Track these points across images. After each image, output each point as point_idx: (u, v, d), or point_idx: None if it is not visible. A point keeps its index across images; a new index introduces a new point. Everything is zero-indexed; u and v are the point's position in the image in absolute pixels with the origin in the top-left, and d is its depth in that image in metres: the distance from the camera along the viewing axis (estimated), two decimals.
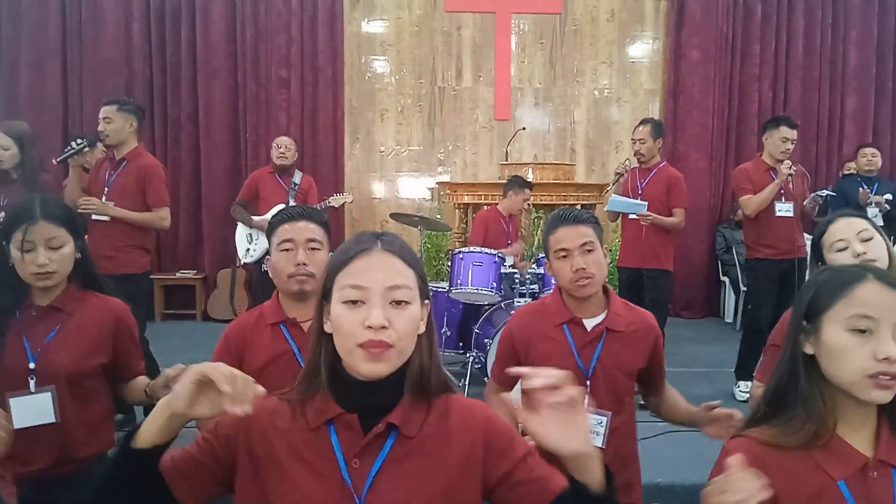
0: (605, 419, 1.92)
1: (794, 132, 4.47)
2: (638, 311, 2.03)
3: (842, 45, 7.20)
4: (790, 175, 4.36)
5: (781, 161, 4.41)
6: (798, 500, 1.15)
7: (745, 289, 5.69)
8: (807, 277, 1.99)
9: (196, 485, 1.14)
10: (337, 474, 1.11)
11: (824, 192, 4.41)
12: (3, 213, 3.71)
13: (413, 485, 1.12)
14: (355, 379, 1.13)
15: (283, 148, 5.30)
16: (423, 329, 1.17)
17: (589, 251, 1.92)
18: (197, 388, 1.06)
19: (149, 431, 1.09)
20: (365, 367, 1.10)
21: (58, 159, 3.88)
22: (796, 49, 7.15)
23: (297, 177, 5.36)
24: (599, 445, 1.90)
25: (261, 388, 1.08)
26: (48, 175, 4.08)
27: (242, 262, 5.51)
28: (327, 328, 1.15)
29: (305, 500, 1.11)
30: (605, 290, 2.01)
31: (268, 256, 1.94)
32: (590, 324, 1.96)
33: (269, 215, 5.16)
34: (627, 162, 4.85)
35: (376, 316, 1.09)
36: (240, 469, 1.15)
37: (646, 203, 4.54)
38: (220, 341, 1.90)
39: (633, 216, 4.60)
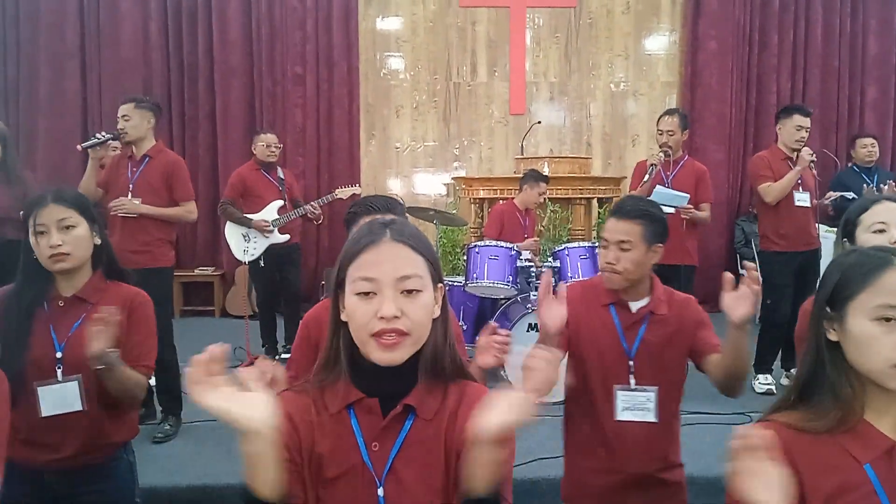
0: (652, 394, 1.98)
1: (808, 120, 4.42)
2: (678, 295, 2.10)
3: (861, 34, 7.12)
4: (813, 162, 4.30)
5: (796, 150, 4.36)
6: (824, 485, 1.14)
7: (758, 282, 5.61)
8: (822, 265, 1.98)
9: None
10: (357, 457, 1.13)
11: (850, 195, 4.33)
12: None
13: (431, 466, 1.13)
14: (373, 365, 1.13)
15: (273, 146, 5.25)
16: (437, 313, 1.18)
17: (624, 249, 1.99)
18: (226, 404, 0.98)
19: (256, 473, 0.99)
20: (379, 357, 1.11)
21: (82, 145, 3.93)
22: (815, 39, 7.07)
23: (280, 172, 5.35)
24: (652, 419, 1.97)
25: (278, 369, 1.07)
26: (28, 173, 4.21)
27: (244, 263, 5.38)
28: (343, 317, 1.16)
29: (329, 483, 1.12)
30: (650, 277, 2.09)
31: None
32: (635, 306, 2.03)
33: (265, 213, 5.14)
34: (661, 154, 4.71)
35: (388, 307, 1.10)
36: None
37: (688, 195, 4.47)
38: (299, 332, 2.00)
39: (670, 210, 4.35)
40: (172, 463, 3.41)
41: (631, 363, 1.99)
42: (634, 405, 1.99)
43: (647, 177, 4.62)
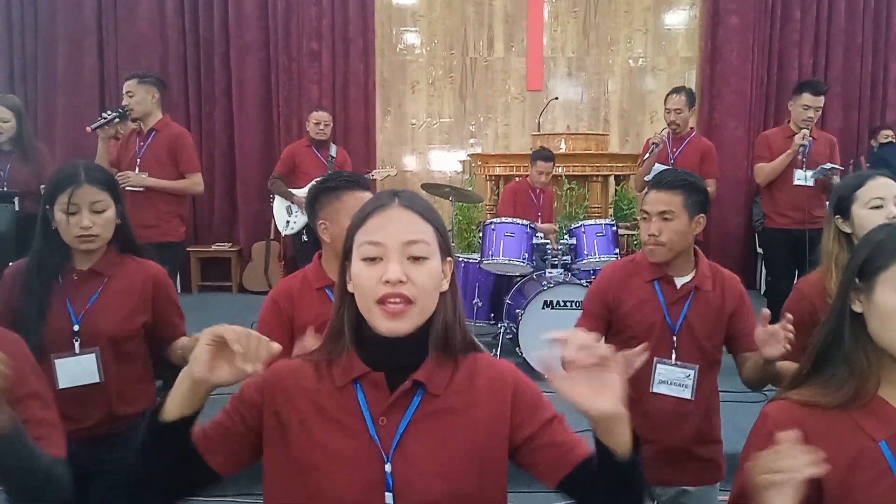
0: (692, 372, 1.98)
1: (818, 99, 4.34)
2: (724, 272, 2.08)
3: (885, 9, 6.96)
4: (803, 146, 4.24)
5: (804, 129, 4.30)
6: (839, 462, 1.13)
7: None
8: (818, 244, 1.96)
9: (230, 453, 1.14)
10: (364, 432, 1.11)
11: (829, 166, 4.28)
12: (5, 185, 3.83)
13: (440, 442, 1.12)
14: (381, 337, 1.11)
15: (322, 124, 5.30)
16: (445, 287, 1.16)
17: (666, 219, 1.96)
18: (214, 352, 1.04)
19: (174, 403, 1.07)
20: (384, 325, 1.10)
21: (92, 127, 3.96)
22: (838, 14, 6.92)
23: (333, 150, 5.39)
24: (688, 397, 1.98)
25: (276, 346, 1.06)
26: (42, 145, 4.26)
27: (283, 235, 5.55)
28: (350, 288, 1.15)
29: (334, 458, 1.11)
30: (695, 252, 2.07)
31: (322, 222, 1.95)
32: (679, 282, 2.02)
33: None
34: (664, 132, 4.77)
35: (393, 270, 1.08)
36: (266, 432, 1.15)
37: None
38: (266, 304, 1.95)
39: None
40: None
41: (674, 338, 1.99)
42: (672, 380, 1.99)
43: (647, 155, 4.64)
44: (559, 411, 1.19)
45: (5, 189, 3.82)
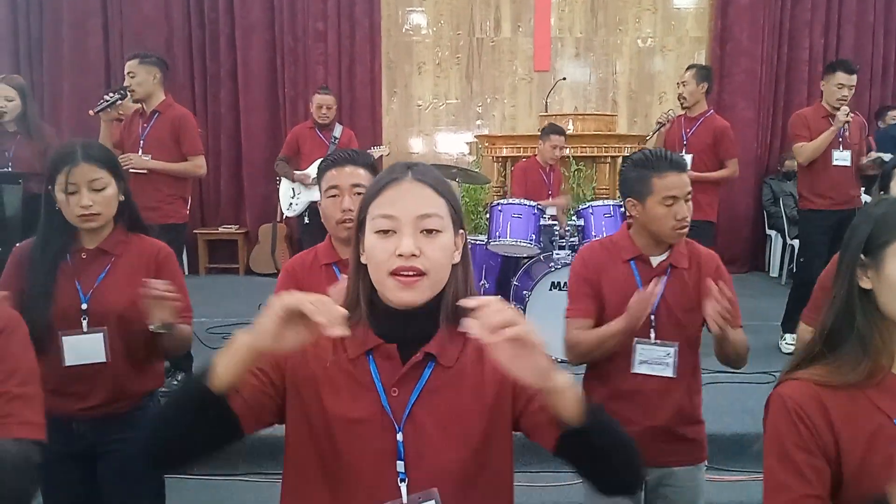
0: (672, 350, 1.97)
1: (852, 78, 4.32)
2: (700, 249, 2.06)
3: None
4: (847, 122, 4.21)
5: (838, 109, 4.26)
6: (856, 440, 1.13)
7: (795, 240, 5.58)
8: None
9: (259, 416, 1.14)
10: (377, 403, 1.13)
11: (888, 156, 4.25)
12: (10, 165, 3.82)
13: (450, 413, 1.13)
14: (393, 309, 1.13)
15: (325, 108, 5.26)
16: (457, 259, 1.17)
17: (688, 200, 1.97)
18: (283, 322, 1.04)
19: (227, 371, 1.05)
20: (396, 297, 1.11)
21: (94, 111, 3.94)
22: None
23: (338, 130, 5.35)
24: (670, 375, 1.97)
25: (342, 309, 1.05)
26: (47, 126, 4.21)
27: (285, 216, 5.56)
28: (363, 259, 1.16)
29: (347, 427, 1.13)
30: None
31: (319, 202, 1.97)
32: (655, 261, 2.01)
33: (310, 170, 5.18)
34: (671, 112, 4.74)
35: (406, 244, 1.09)
36: (288, 399, 1.17)
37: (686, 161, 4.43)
38: (281, 277, 1.96)
39: None
40: None
41: (652, 317, 1.97)
42: (652, 359, 1.98)
43: (651, 134, 4.61)
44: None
45: (10, 169, 3.81)
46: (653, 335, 1.98)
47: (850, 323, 1.18)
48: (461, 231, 1.19)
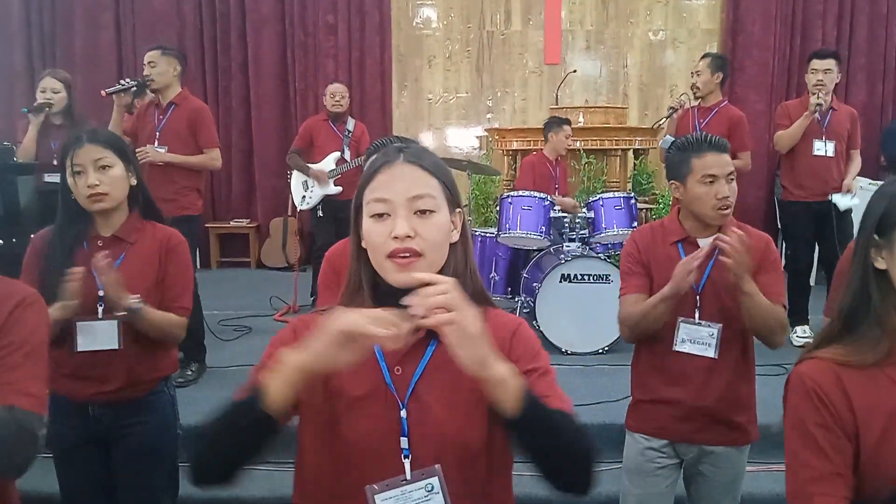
0: (715, 330, 2.00)
1: (825, 62, 4.28)
2: (753, 232, 2.06)
3: None
4: (819, 106, 4.16)
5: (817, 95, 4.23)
6: (877, 418, 1.13)
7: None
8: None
9: (290, 412, 1.15)
10: (381, 381, 1.15)
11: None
12: (55, 157, 3.85)
13: (452, 391, 1.15)
14: (395, 290, 1.14)
15: (338, 96, 5.29)
16: (455, 238, 1.19)
17: (731, 180, 2.00)
18: (339, 345, 1.04)
19: (282, 393, 1.05)
20: (395, 277, 1.13)
21: (107, 91, 3.95)
22: None
23: (350, 123, 5.37)
24: (711, 355, 1.99)
25: (404, 324, 1.05)
26: (93, 121, 4.20)
27: (298, 210, 5.56)
28: (363, 243, 1.18)
29: (352, 406, 1.15)
30: None
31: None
32: (703, 243, 2.02)
33: (324, 164, 5.19)
34: (683, 97, 4.69)
35: (401, 226, 1.11)
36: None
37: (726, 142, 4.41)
38: (323, 268, 2.00)
39: None
40: (210, 405, 3.49)
41: (697, 298, 2.00)
42: (696, 339, 2.00)
43: (662, 120, 4.58)
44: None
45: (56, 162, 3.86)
46: (697, 315, 2.00)
47: (867, 304, 1.18)
48: (458, 210, 1.20)
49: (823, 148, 4.28)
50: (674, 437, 2.08)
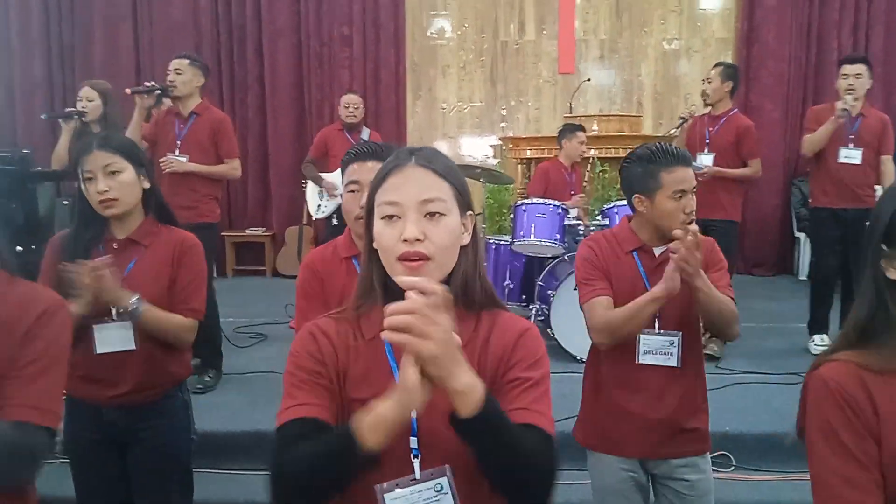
0: (676, 339, 1.98)
1: (854, 67, 4.25)
2: (701, 239, 2.04)
3: None
4: (845, 111, 4.12)
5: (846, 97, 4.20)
6: None
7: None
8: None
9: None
10: (391, 381, 1.13)
11: None
12: None
13: None
14: (404, 291, 1.13)
15: (352, 107, 5.34)
16: (466, 241, 1.19)
17: (694, 192, 1.98)
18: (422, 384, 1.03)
19: (379, 436, 1.04)
20: (402, 281, 1.12)
21: (131, 90, 3.97)
22: None
23: (366, 133, 5.41)
24: (674, 365, 1.97)
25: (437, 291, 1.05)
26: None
27: (314, 218, 5.61)
28: (375, 245, 1.18)
29: (363, 406, 1.12)
30: None
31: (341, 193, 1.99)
32: (657, 251, 2.01)
33: (338, 174, 5.22)
34: (693, 107, 4.73)
35: (410, 229, 1.11)
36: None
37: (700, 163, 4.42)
38: (302, 272, 1.94)
39: (698, 168, 4.45)
40: (226, 410, 3.53)
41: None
42: (657, 349, 1.98)
43: (674, 130, 4.58)
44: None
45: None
46: (657, 325, 1.98)
47: (885, 314, 1.15)
48: (469, 213, 1.20)
49: (850, 155, 4.24)
50: (642, 453, 2.03)
